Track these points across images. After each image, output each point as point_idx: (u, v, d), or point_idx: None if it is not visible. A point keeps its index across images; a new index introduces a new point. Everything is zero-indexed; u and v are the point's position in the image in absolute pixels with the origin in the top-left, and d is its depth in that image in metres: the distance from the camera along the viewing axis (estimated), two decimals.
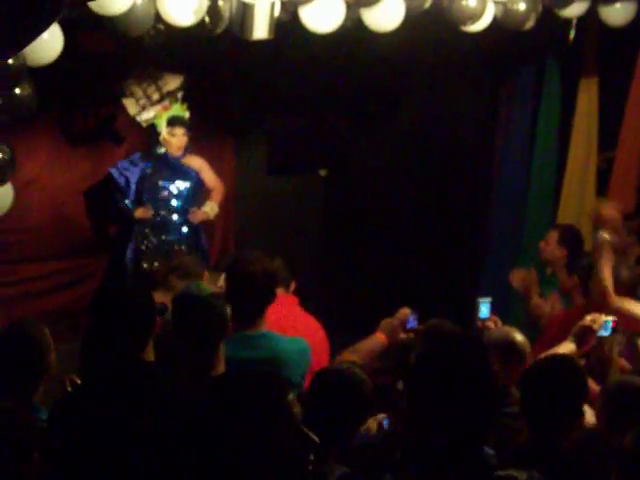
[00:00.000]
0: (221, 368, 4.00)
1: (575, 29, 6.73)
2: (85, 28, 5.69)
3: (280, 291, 5.13)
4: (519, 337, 4.54)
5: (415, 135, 8.00)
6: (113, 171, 7.04)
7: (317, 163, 8.07)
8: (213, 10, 5.53)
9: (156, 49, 6.27)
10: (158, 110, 7.01)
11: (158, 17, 5.55)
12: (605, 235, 5.67)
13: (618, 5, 6.54)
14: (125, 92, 6.93)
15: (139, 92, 6.95)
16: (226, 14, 5.54)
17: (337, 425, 3.56)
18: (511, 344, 4.48)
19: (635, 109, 7.53)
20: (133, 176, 7.05)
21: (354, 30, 6.07)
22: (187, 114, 7.06)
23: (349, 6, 5.80)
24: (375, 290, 7.61)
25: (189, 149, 7.06)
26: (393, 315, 5.06)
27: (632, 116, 7.56)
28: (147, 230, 6.99)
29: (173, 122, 6.98)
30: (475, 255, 8.00)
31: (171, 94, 7.03)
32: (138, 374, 3.74)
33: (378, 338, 5.01)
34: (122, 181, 7.02)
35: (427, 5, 6.01)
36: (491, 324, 5.19)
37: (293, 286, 5.52)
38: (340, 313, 7.13)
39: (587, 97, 7.62)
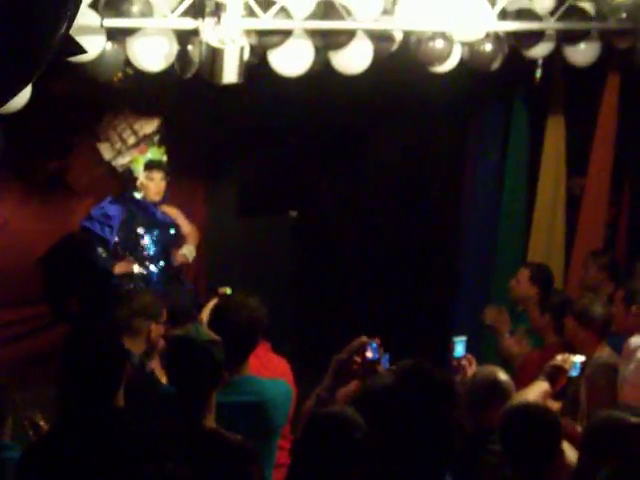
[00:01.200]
0: (211, 417, 3.98)
1: (541, 69, 6.80)
2: (54, 73, 5.69)
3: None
4: (503, 377, 4.55)
5: (384, 173, 8.03)
6: (90, 224, 6.78)
7: (287, 204, 8.09)
8: (183, 55, 5.57)
9: (126, 93, 6.28)
10: (134, 154, 6.93)
11: (128, 62, 5.59)
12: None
13: (582, 46, 6.63)
14: (100, 137, 6.86)
15: (115, 136, 6.90)
16: (196, 59, 5.55)
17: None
18: (496, 384, 4.49)
19: (602, 146, 7.63)
20: (115, 224, 6.83)
21: (323, 71, 6.10)
22: (165, 157, 6.96)
23: (317, 50, 5.85)
24: (346, 327, 7.59)
25: (165, 197, 6.94)
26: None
27: (599, 153, 7.66)
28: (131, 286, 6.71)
29: (151, 166, 6.84)
30: (446, 292, 8.02)
31: (147, 137, 6.98)
32: (109, 421, 3.74)
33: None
34: (106, 232, 6.79)
35: (394, 48, 6.08)
36: (466, 362, 5.20)
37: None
38: (312, 349, 7.14)
39: (554, 135, 7.69)
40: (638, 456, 3.59)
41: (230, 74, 5.44)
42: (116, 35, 5.44)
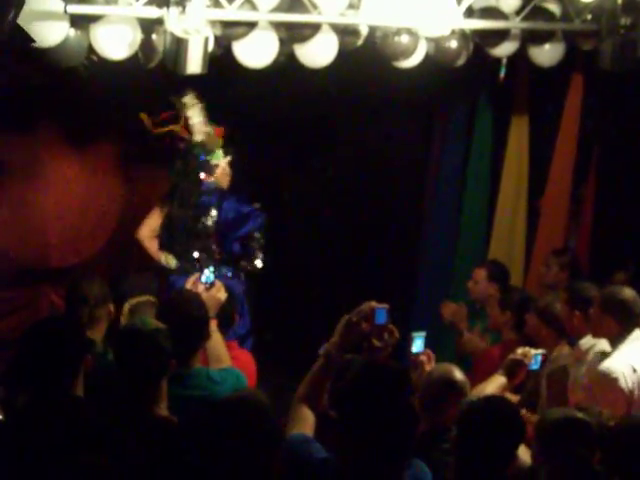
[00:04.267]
0: (164, 405, 3.97)
1: (506, 68, 6.83)
2: (16, 59, 5.65)
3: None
4: (459, 375, 4.52)
5: (349, 170, 8.02)
6: None
7: (252, 198, 8.05)
8: (147, 44, 5.56)
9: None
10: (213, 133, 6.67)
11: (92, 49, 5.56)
12: None
13: (547, 46, 6.68)
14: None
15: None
16: (160, 48, 5.54)
17: None
18: (451, 382, 4.47)
19: (565, 145, 7.68)
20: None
21: (289, 65, 6.12)
22: None
23: (282, 42, 5.86)
24: (309, 320, 7.57)
25: None
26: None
27: (562, 154, 7.70)
28: None
29: (229, 152, 6.65)
30: (407, 288, 8.03)
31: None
32: (67, 409, 3.73)
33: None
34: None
35: (360, 42, 6.10)
36: (424, 358, 5.21)
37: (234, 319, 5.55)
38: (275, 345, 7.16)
39: (518, 134, 7.73)
40: (582, 454, 3.62)
41: (194, 65, 5.42)
42: (80, 22, 5.41)
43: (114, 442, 3.60)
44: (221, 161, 6.65)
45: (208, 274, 5.49)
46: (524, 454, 3.96)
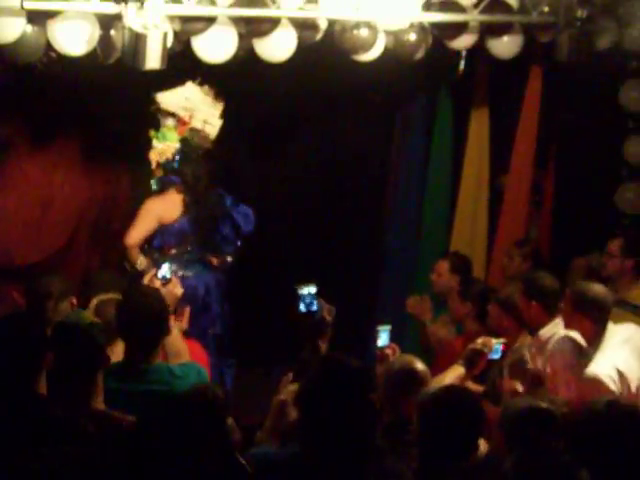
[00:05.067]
0: (100, 399, 4.00)
1: (465, 61, 6.87)
2: None
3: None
4: (420, 366, 4.57)
5: (311, 162, 8.03)
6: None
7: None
8: (105, 40, 5.55)
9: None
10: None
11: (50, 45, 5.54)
12: None
13: (505, 38, 6.71)
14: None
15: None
16: (118, 44, 5.53)
17: None
18: (412, 373, 4.51)
19: (525, 138, 7.71)
20: None
21: (249, 60, 6.11)
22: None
23: (241, 37, 5.86)
24: (274, 312, 7.55)
25: None
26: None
27: (522, 144, 7.74)
28: None
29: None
30: (372, 280, 8.06)
31: None
32: (30, 406, 3.73)
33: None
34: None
35: (319, 36, 6.10)
36: (389, 351, 5.25)
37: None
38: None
39: (478, 125, 7.76)
40: (548, 443, 3.66)
41: (153, 60, 5.41)
42: (37, 18, 5.40)
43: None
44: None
45: (165, 270, 5.49)
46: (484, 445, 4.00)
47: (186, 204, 6.65)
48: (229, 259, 6.88)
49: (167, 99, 6.50)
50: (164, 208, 6.64)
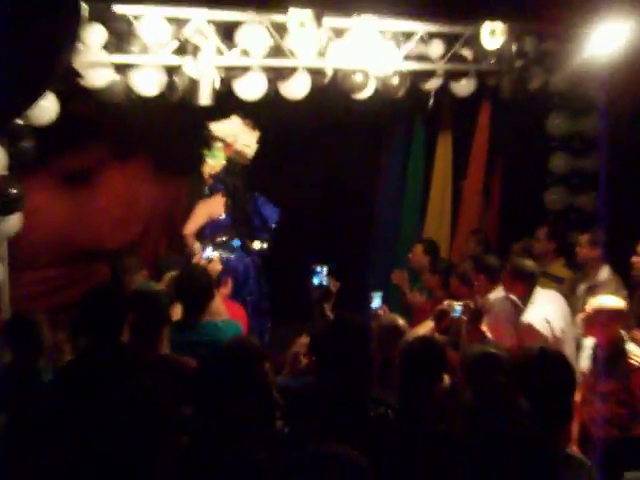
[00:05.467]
0: (166, 346, 3.99)
1: (433, 97, 6.85)
2: (75, 97, 5.63)
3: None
4: (401, 322, 4.60)
5: (320, 173, 7.99)
6: None
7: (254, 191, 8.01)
8: (170, 84, 5.55)
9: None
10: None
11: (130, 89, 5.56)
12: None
13: (463, 81, 6.70)
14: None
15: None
16: (180, 87, 5.53)
17: None
18: (395, 327, 4.53)
19: (478, 153, 7.72)
20: None
21: (275, 97, 6.08)
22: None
23: (269, 81, 5.86)
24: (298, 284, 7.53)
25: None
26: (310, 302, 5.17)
27: (475, 158, 7.75)
28: None
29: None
30: (364, 260, 8.03)
31: None
32: (115, 351, 3.77)
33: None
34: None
35: (326, 80, 6.10)
36: (381, 312, 5.27)
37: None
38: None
39: (444, 146, 7.74)
40: (498, 379, 3.64)
41: (205, 98, 5.44)
42: (121, 69, 5.42)
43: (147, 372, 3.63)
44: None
45: (208, 252, 5.49)
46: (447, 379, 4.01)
47: (227, 205, 6.63)
48: (264, 245, 6.86)
49: (218, 128, 6.48)
50: (212, 208, 6.61)
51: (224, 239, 6.63)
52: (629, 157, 6.99)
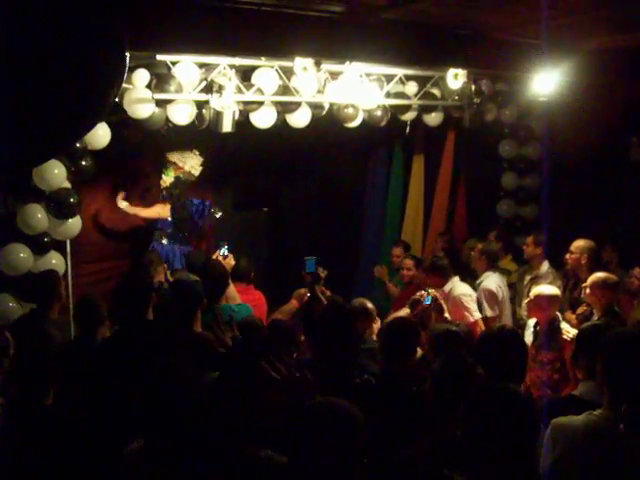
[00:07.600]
0: (198, 326, 3.93)
1: (410, 127, 6.88)
2: (124, 126, 5.66)
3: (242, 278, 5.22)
4: (369, 305, 4.53)
5: (317, 185, 8.01)
6: None
7: (261, 204, 8.06)
8: (199, 115, 5.54)
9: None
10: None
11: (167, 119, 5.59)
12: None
13: (433, 114, 6.70)
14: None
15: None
16: (207, 117, 5.51)
17: None
18: (365, 309, 4.48)
19: (444, 171, 7.78)
20: None
21: (282, 126, 6.08)
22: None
23: (278, 113, 5.87)
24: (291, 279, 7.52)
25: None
26: (303, 286, 5.17)
27: (443, 176, 7.79)
28: None
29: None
30: (352, 258, 8.02)
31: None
32: (144, 326, 3.70)
33: (292, 303, 5.12)
34: None
35: (324, 112, 6.10)
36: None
37: (252, 275, 5.57)
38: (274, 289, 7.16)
39: (418, 166, 7.77)
40: (456, 351, 3.64)
41: (227, 126, 5.42)
42: (160, 103, 5.42)
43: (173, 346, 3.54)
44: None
45: (224, 250, 5.50)
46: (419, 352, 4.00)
47: (172, 209, 6.75)
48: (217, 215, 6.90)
49: (172, 155, 6.64)
50: (162, 211, 6.73)
51: (169, 231, 6.77)
52: (564, 176, 7.10)
